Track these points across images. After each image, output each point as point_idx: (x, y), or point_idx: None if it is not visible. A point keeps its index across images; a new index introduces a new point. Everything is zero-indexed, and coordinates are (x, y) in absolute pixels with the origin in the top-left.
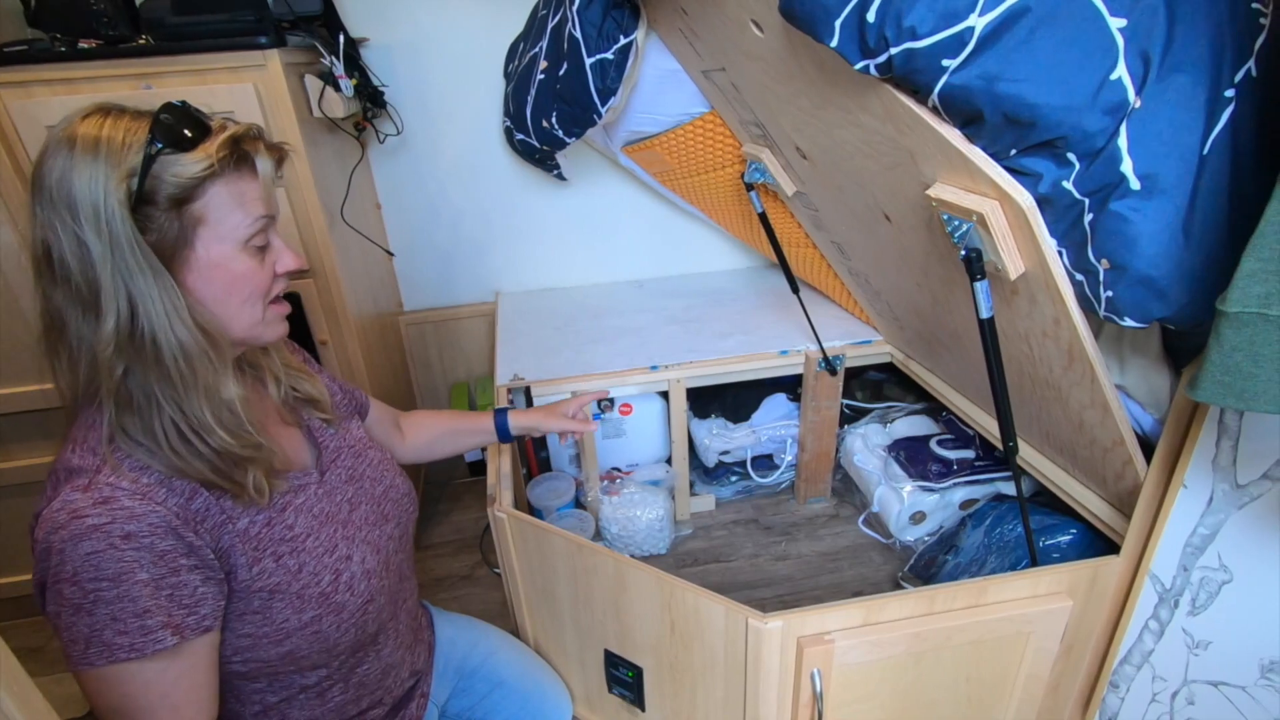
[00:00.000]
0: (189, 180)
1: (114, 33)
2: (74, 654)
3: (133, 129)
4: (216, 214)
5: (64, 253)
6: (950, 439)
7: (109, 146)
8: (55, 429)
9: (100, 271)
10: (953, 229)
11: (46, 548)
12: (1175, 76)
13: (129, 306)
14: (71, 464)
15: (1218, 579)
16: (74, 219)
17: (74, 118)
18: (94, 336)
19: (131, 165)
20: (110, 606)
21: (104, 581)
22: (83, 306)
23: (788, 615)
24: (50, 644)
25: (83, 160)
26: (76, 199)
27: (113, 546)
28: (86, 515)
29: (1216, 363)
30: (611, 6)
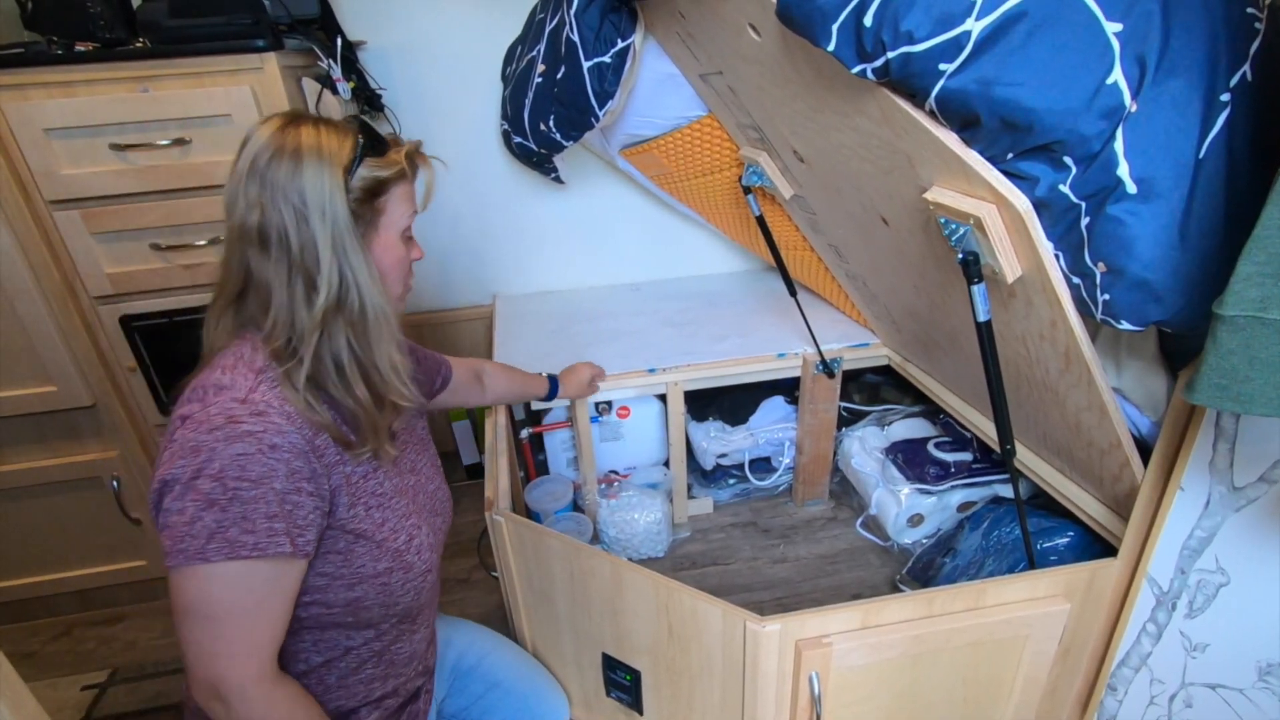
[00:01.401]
0: (381, 179)
1: (110, 35)
2: (189, 548)
3: (344, 139)
4: (393, 207)
5: (286, 234)
6: (948, 441)
7: (329, 152)
8: (51, 433)
9: (321, 250)
10: (950, 232)
11: (195, 444)
12: (1171, 81)
13: (339, 280)
14: (223, 382)
15: (1215, 582)
16: (304, 211)
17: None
18: (309, 305)
19: (345, 164)
20: (244, 506)
21: (246, 482)
22: (298, 279)
23: (786, 618)
24: (45, 649)
25: (310, 161)
26: (306, 195)
27: (260, 452)
28: (243, 421)
29: (1213, 366)
30: (609, 10)
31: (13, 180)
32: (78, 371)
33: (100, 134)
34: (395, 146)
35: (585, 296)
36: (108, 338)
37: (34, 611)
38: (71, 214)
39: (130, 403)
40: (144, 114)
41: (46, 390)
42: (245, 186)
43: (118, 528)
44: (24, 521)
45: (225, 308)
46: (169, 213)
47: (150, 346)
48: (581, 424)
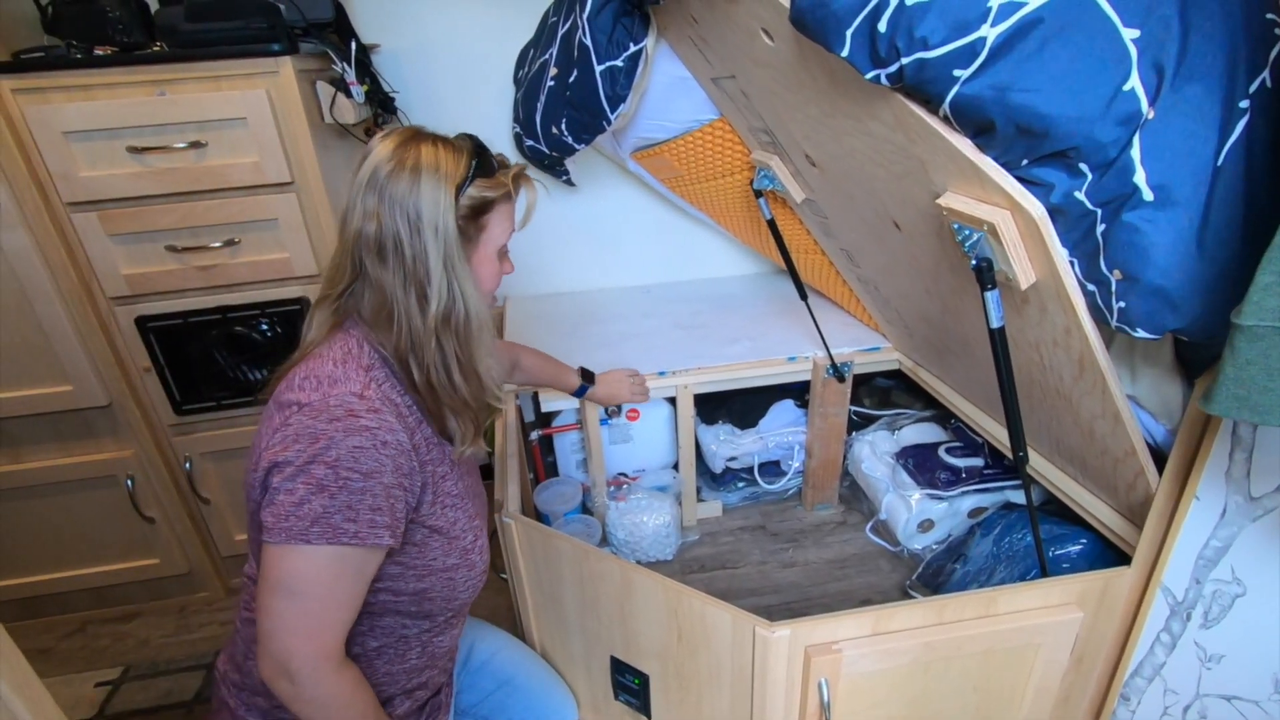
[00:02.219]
0: (488, 199)
1: (129, 40)
2: (293, 527)
3: (459, 159)
4: (494, 225)
5: (401, 245)
6: (959, 447)
7: (445, 169)
8: (67, 432)
9: (433, 263)
10: (963, 238)
11: (315, 432)
12: (1189, 87)
13: (449, 292)
14: (336, 374)
15: (1231, 592)
16: (418, 220)
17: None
18: (422, 315)
19: (458, 185)
20: (352, 495)
21: (357, 474)
22: (411, 288)
23: (795, 624)
24: (59, 645)
25: (429, 179)
26: (422, 212)
27: (375, 447)
28: (361, 416)
29: (1231, 376)
30: (622, 14)
31: (32, 182)
32: (94, 371)
33: (118, 137)
34: (503, 169)
35: (596, 299)
36: (123, 338)
37: (49, 608)
38: (89, 216)
39: (145, 403)
40: (161, 117)
41: (63, 390)
42: (364, 196)
43: (132, 526)
44: (40, 519)
45: (328, 303)
46: (185, 215)
47: (165, 347)
48: (591, 426)
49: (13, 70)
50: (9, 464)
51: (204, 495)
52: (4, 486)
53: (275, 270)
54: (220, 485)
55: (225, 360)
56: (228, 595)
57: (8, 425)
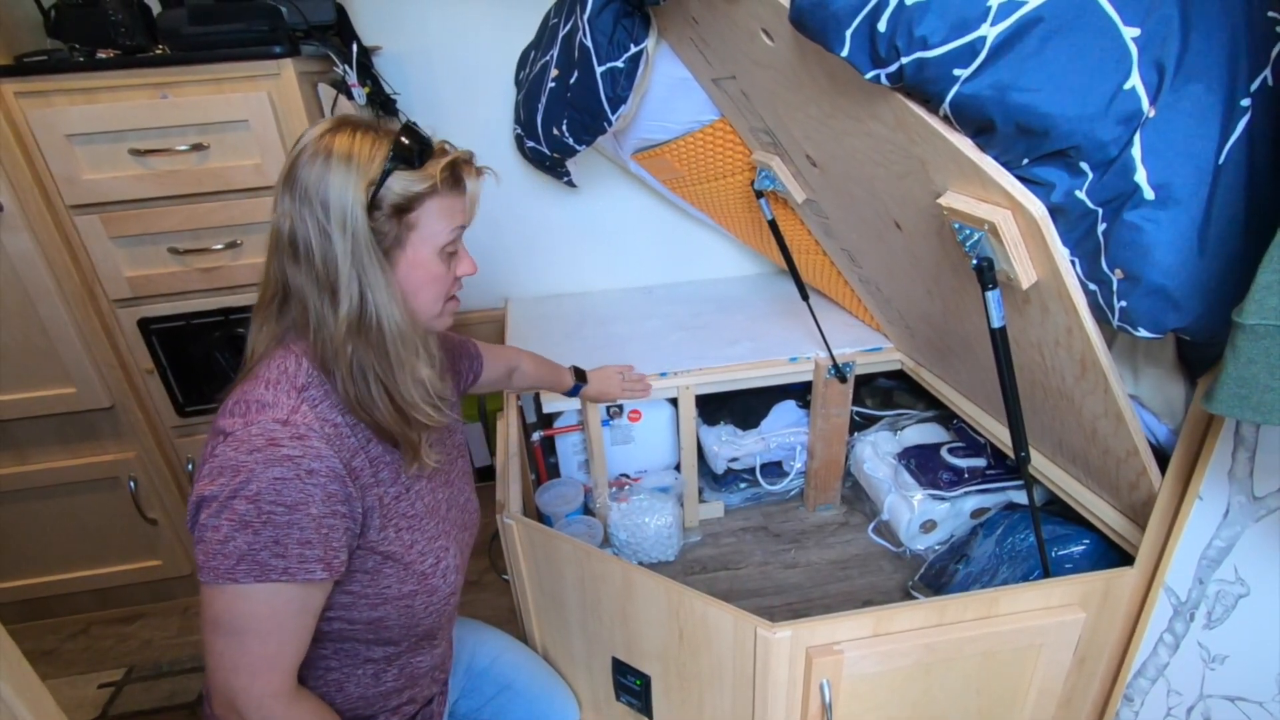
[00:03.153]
0: (413, 194)
1: (131, 43)
2: (219, 566)
3: (378, 146)
4: (426, 223)
5: (309, 241)
6: (961, 447)
7: (359, 159)
8: (70, 434)
9: (341, 263)
10: (964, 238)
11: (235, 464)
12: (1190, 86)
13: (359, 295)
14: (265, 399)
15: (1234, 592)
16: (325, 217)
17: (324, 130)
18: (333, 317)
19: (372, 177)
20: (277, 530)
21: (281, 507)
22: (321, 289)
23: (797, 625)
24: (63, 647)
25: (338, 169)
26: (330, 201)
27: (298, 477)
28: (282, 445)
29: (1233, 375)
30: (622, 15)
31: (35, 185)
32: (97, 373)
33: (121, 139)
34: (439, 156)
35: (597, 300)
36: (126, 340)
37: (53, 609)
38: (92, 218)
39: (148, 404)
40: (164, 120)
41: (66, 392)
42: (282, 191)
43: (135, 528)
44: (44, 521)
45: (268, 313)
46: (187, 217)
47: (168, 349)
48: (593, 427)
49: (16, 73)
50: (13, 465)
51: None
52: (7, 488)
53: None
54: None
55: (228, 362)
56: None
57: (11, 427)
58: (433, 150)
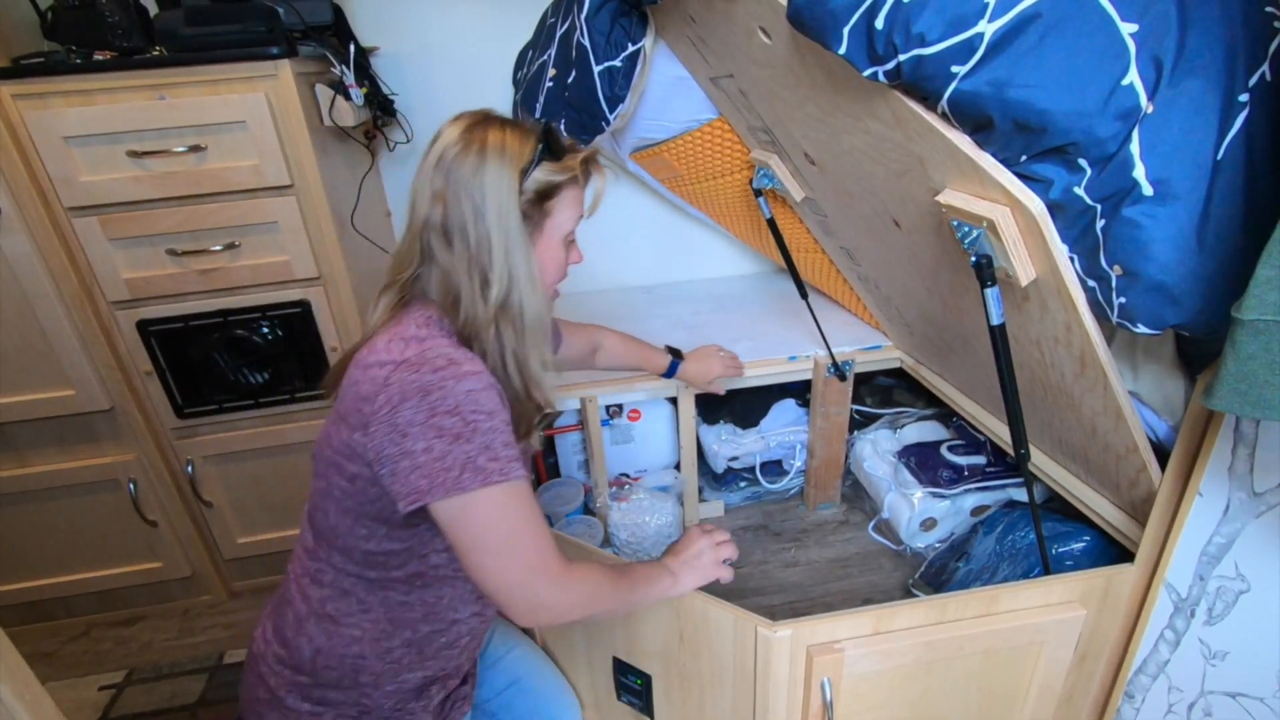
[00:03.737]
0: (553, 183)
1: (128, 44)
2: (445, 480)
3: (527, 140)
4: (560, 211)
5: (465, 228)
6: (961, 445)
7: (510, 153)
8: (69, 436)
9: (495, 251)
10: (963, 235)
11: (422, 385)
12: (1188, 82)
13: (509, 280)
14: (421, 335)
15: (1235, 588)
16: (482, 208)
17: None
18: (484, 301)
19: (524, 164)
20: (485, 436)
21: (482, 414)
22: (475, 274)
23: (797, 624)
24: (63, 649)
25: (493, 162)
26: (486, 195)
27: (487, 388)
28: (462, 363)
29: (1232, 371)
30: (619, 14)
31: (32, 187)
32: (95, 375)
33: (118, 141)
34: (573, 152)
35: (597, 299)
36: (125, 342)
37: (53, 612)
38: (90, 220)
39: (147, 406)
40: (161, 121)
41: (65, 394)
42: (431, 179)
43: (135, 529)
44: (43, 523)
45: (394, 288)
46: (185, 219)
47: (166, 351)
48: (592, 427)
49: (13, 76)
50: (12, 468)
51: (206, 498)
52: (7, 490)
53: (275, 273)
54: (222, 488)
55: (226, 363)
56: (230, 598)
57: (10, 430)
58: (567, 146)
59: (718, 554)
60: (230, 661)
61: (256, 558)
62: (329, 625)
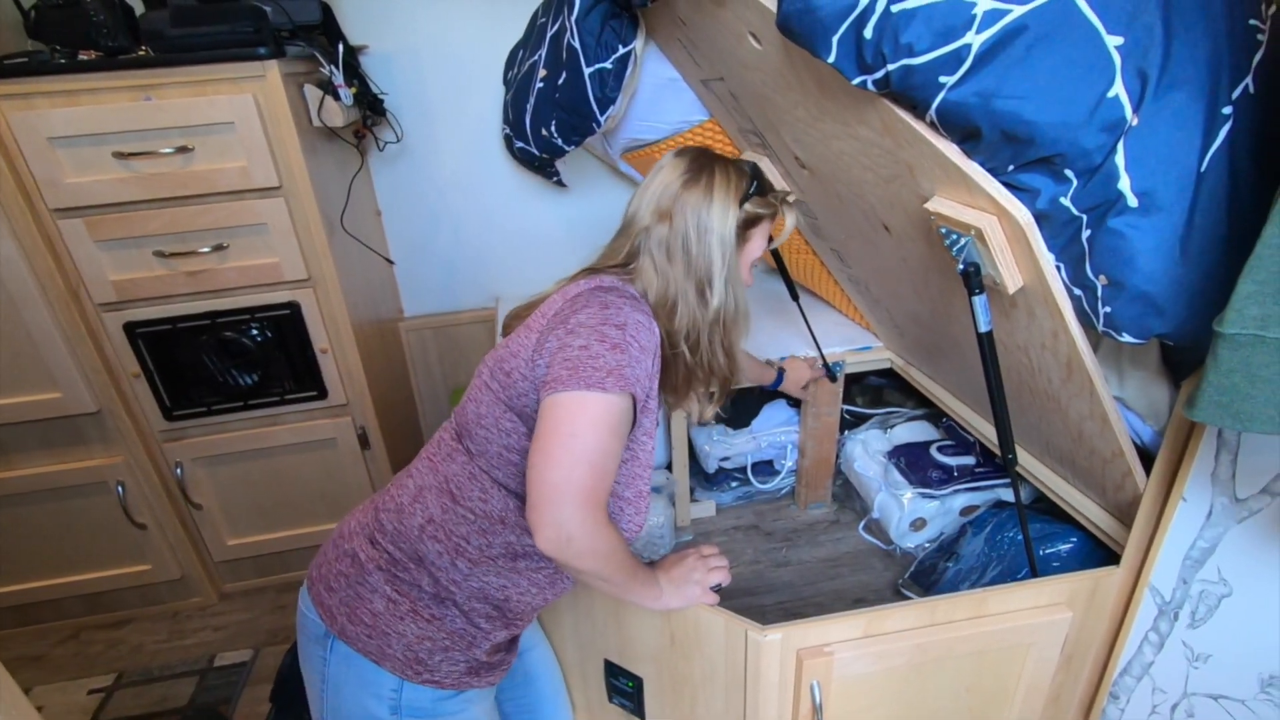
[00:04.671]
0: (758, 215)
1: (113, 44)
2: (590, 376)
3: (744, 178)
4: (756, 239)
5: (689, 246)
6: (951, 445)
7: (731, 191)
8: (57, 439)
9: (715, 270)
10: (951, 242)
11: (605, 301)
12: (1172, 94)
13: (733, 298)
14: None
15: (1217, 592)
16: (706, 233)
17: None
18: (703, 309)
19: (741, 197)
20: (637, 355)
21: (638, 343)
22: (691, 284)
23: (787, 628)
24: (53, 652)
25: (719, 199)
26: (712, 223)
27: (651, 330)
28: (642, 305)
29: (1214, 383)
30: (610, 16)
31: (17, 189)
32: (82, 378)
33: (104, 142)
34: (771, 190)
35: None
36: (112, 344)
37: (42, 615)
38: (75, 222)
39: (135, 409)
40: (147, 122)
41: (51, 397)
42: (660, 197)
43: (123, 532)
44: (32, 526)
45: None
46: (172, 220)
47: (154, 353)
48: None
49: None
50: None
51: (195, 501)
52: None
53: (265, 275)
54: (212, 490)
55: (215, 365)
56: (220, 600)
57: None
58: (767, 185)
59: (708, 579)
60: (220, 664)
61: (247, 559)
62: (448, 500)
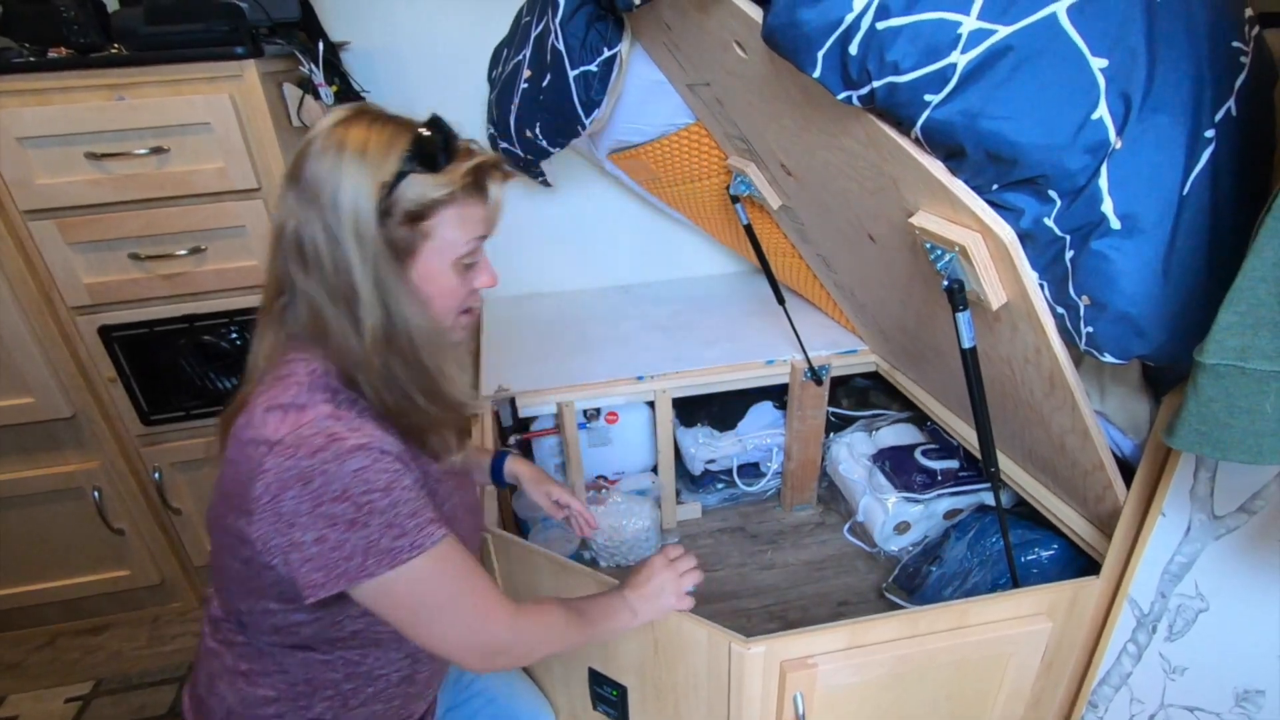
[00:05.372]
0: (429, 201)
1: (85, 41)
2: (348, 570)
3: (395, 142)
4: (441, 232)
5: (319, 246)
6: (935, 449)
7: (373, 154)
8: (31, 444)
9: (357, 273)
10: (935, 257)
11: (299, 471)
12: (1156, 117)
13: (384, 308)
14: (300, 401)
15: (1195, 607)
16: (335, 220)
17: (339, 118)
18: (357, 334)
19: (386, 177)
20: (384, 515)
21: (375, 492)
22: (336, 299)
23: (770, 640)
24: (29, 659)
25: (350, 166)
26: (341, 203)
27: (378, 460)
28: (346, 437)
29: (1194, 412)
30: (595, 19)
31: None
32: (57, 382)
33: (76, 143)
34: (462, 159)
35: (574, 299)
36: (87, 348)
37: (18, 621)
38: (47, 224)
39: (111, 413)
40: (121, 122)
41: (24, 402)
42: (287, 186)
43: (100, 537)
44: (7, 532)
45: (269, 317)
46: (147, 222)
47: (130, 357)
48: (569, 431)
49: None
50: None
51: (175, 505)
52: None
53: (243, 278)
54: (191, 495)
55: (194, 369)
56: (201, 605)
57: None
58: (457, 151)
59: (681, 584)
60: None
61: None
62: (242, 684)
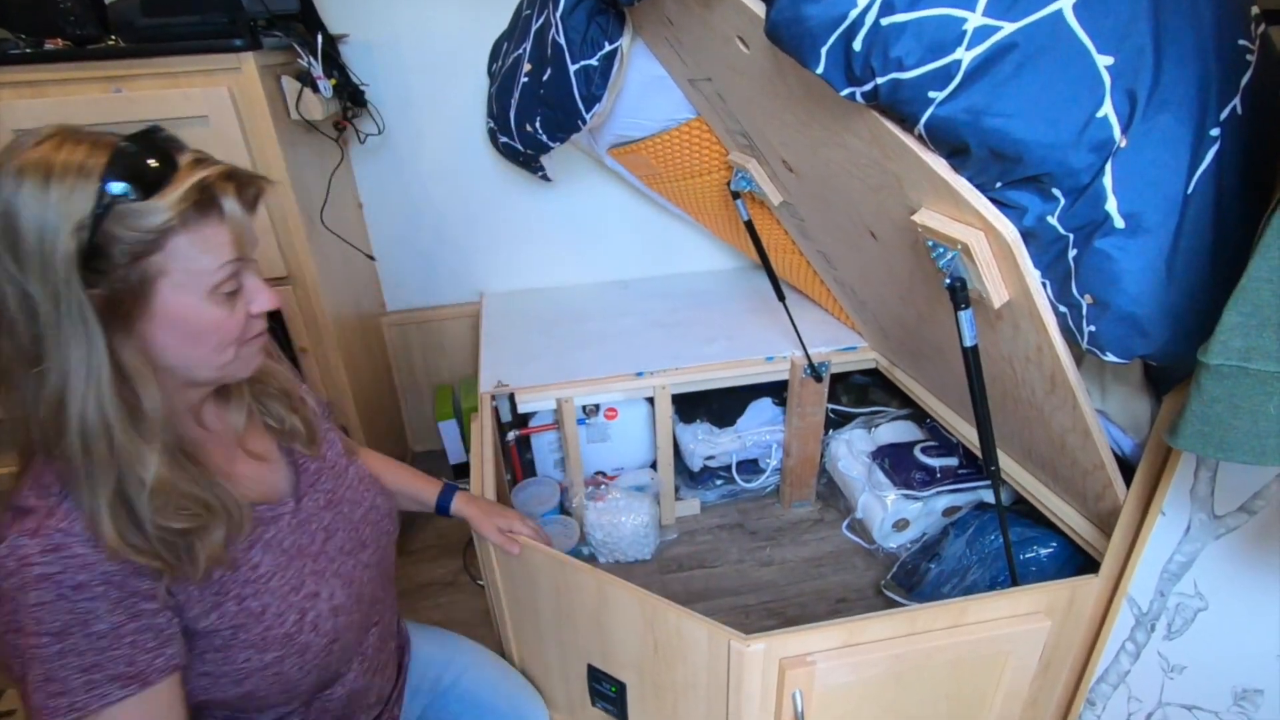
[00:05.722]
0: (148, 233)
1: (81, 33)
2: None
3: (88, 165)
4: (179, 264)
5: (6, 302)
6: (934, 446)
7: (60, 186)
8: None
9: (45, 329)
10: (937, 255)
11: None
12: (1161, 116)
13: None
14: (27, 503)
15: (1194, 606)
16: (18, 266)
17: (18, 143)
18: (36, 399)
19: (81, 215)
20: (46, 666)
21: (46, 637)
22: (28, 364)
23: (770, 637)
24: None
25: (31, 201)
26: (21, 244)
27: (63, 597)
28: (35, 564)
29: (1197, 412)
30: (596, 13)
31: None
32: None
33: None
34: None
35: (573, 294)
36: None
37: None
38: None
39: None
40: (117, 115)
41: None
42: None
43: None
44: None
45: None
46: None
47: None
48: (568, 427)
49: None
50: None
51: None
52: None
53: None
54: None
55: None
56: None
57: None
58: (176, 167)
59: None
60: None
61: None
62: None
